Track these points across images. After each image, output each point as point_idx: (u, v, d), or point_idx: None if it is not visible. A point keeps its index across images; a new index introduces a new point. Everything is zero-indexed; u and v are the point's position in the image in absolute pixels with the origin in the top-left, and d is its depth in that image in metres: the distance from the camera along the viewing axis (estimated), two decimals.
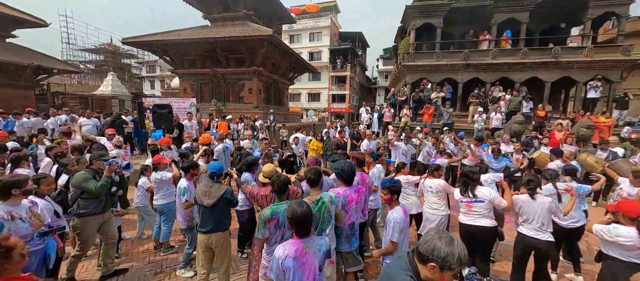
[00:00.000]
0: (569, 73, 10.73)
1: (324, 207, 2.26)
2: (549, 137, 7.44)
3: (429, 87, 11.57)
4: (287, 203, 2.30)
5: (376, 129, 11.32)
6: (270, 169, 3.01)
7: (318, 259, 1.77)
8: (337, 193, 2.66)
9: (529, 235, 2.77)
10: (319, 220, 2.23)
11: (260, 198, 2.69)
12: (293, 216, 1.73)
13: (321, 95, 33.41)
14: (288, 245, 1.75)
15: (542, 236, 2.73)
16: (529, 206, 2.79)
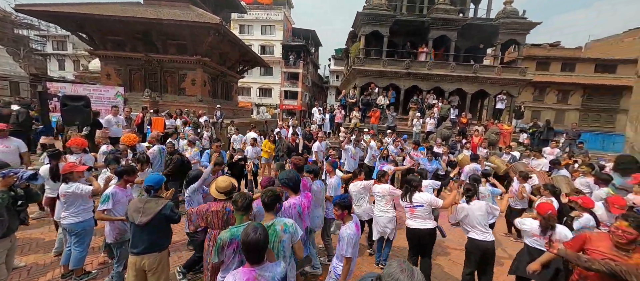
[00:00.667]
0: (484, 87, 12.89)
1: (274, 236, 2.04)
2: (470, 141, 8.82)
3: (376, 91, 12.40)
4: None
5: (328, 129, 11.60)
6: (226, 183, 2.64)
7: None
8: (293, 204, 2.64)
9: (478, 238, 3.07)
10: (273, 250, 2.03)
11: (209, 215, 2.43)
12: (244, 241, 1.59)
13: (273, 91, 32.56)
14: (238, 274, 1.61)
15: (488, 237, 3.06)
16: (470, 212, 3.11)
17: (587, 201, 3.33)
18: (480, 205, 3.16)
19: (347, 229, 2.38)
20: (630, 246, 2.06)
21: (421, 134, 10.81)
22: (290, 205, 2.64)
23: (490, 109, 13.21)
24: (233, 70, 19.25)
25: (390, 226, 3.68)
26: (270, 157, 7.97)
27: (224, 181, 2.64)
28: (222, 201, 2.51)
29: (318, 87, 41.64)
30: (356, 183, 4.02)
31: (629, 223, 2.03)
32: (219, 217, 2.41)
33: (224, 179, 2.70)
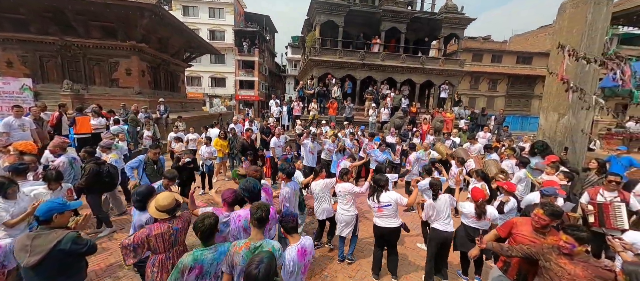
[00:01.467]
0: (430, 77, 13.94)
1: None
2: (420, 130, 9.50)
3: (333, 82, 12.43)
4: (216, 248, 1.93)
5: (286, 122, 11.31)
6: (169, 200, 2.26)
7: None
8: (237, 216, 2.45)
9: (441, 229, 3.35)
10: None
11: (152, 240, 2.08)
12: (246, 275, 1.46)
13: (227, 80, 30.42)
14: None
15: (449, 227, 3.35)
16: (437, 207, 3.37)
17: (511, 186, 3.85)
18: (444, 199, 3.42)
19: (288, 252, 2.08)
20: (545, 230, 2.40)
21: (377, 123, 11.27)
22: (236, 217, 2.42)
23: (436, 97, 14.39)
24: (178, 57, 17.29)
25: (352, 224, 3.73)
26: (225, 156, 7.43)
27: (165, 199, 2.26)
28: (166, 221, 2.22)
29: (276, 76, 40.34)
30: (318, 181, 3.95)
31: (544, 211, 2.36)
32: (165, 239, 2.11)
33: (165, 196, 2.31)
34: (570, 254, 2.02)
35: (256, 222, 1.97)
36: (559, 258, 2.08)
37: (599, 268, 1.91)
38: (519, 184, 4.89)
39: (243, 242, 1.93)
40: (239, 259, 1.83)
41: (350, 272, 3.79)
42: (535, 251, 2.24)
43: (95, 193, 4.28)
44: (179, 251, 2.26)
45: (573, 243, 1.98)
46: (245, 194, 2.55)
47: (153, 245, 2.09)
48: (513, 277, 2.50)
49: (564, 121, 4.73)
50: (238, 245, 1.90)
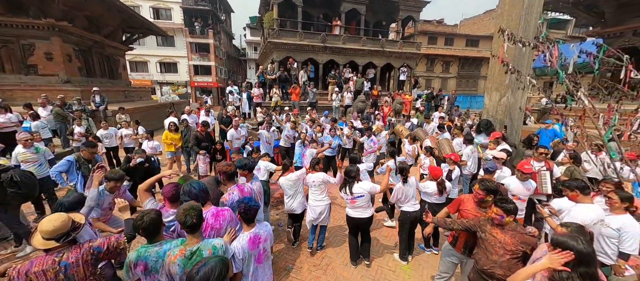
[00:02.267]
0: (390, 60, 14.28)
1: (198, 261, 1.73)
2: (381, 112, 9.75)
3: (295, 66, 12.00)
4: (162, 245, 1.79)
5: (247, 110, 10.69)
6: (58, 222, 1.71)
7: None
8: None
9: (410, 210, 3.51)
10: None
11: (33, 277, 1.58)
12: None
13: (179, 65, 27.59)
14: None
15: (417, 207, 3.54)
16: (406, 190, 3.48)
17: (456, 157, 4.35)
18: (412, 182, 3.54)
19: (237, 240, 2.02)
20: (484, 205, 2.59)
21: (341, 108, 11.29)
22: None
23: (395, 80, 14.87)
24: (114, 39, 14.99)
25: (325, 214, 3.69)
26: (177, 150, 6.75)
27: (51, 221, 1.71)
28: (53, 252, 1.69)
29: (235, 60, 37.85)
30: (289, 175, 3.77)
31: (480, 186, 2.59)
32: (49, 278, 1.60)
33: (54, 218, 1.75)
34: (501, 224, 2.21)
35: (188, 229, 1.78)
36: (492, 229, 2.27)
37: (524, 234, 2.15)
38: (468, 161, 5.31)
39: (177, 249, 1.73)
40: (175, 268, 1.67)
41: (315, 261, 3.78)
42: (473, 223, 2.41)
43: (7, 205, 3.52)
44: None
45: (502, 214, 2.17)
46: (186, 198, 2.22)
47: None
48: (460, 250, 2.71)
49: (504, 100, 5.17)
50: (172, 253, 1.71)
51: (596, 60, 3.86)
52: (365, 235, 3.67)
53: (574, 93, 3.47)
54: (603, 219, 2.47)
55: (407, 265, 3.76)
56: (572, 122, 3.60)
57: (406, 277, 3.53)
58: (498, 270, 2.18)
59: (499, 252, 2.19)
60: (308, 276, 3.48)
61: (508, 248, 2.14)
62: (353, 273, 3.55)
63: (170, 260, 1.71)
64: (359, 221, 3.42)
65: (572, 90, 3.49)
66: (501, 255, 2.17)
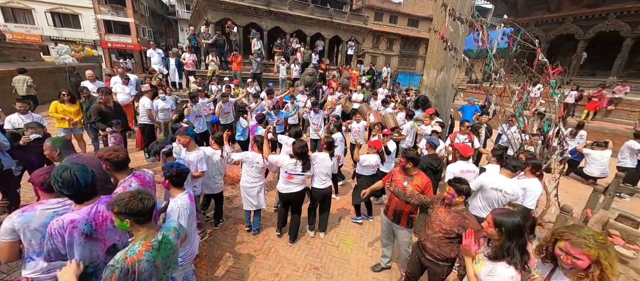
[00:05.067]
0: (338, 33, 13.96)
1: (168, 248, 1.55)
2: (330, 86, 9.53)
3: (235, 30, 10.59)
4: None
5: (177, 79, 9.11)
6: None
7: None
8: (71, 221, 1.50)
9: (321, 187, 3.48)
10: (162, 270, 1.52)
11: None
12: None
13: (82, 19, 21.76)
14: None
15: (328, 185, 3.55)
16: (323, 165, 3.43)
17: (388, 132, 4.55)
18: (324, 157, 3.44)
19: (176, 200, 2.05)
20: (409, 172, 2.78)
21: (287, 80, 10.64)
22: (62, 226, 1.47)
23: (343, 54, 14.75)
24: None
25: (261, 196, 3.55)
26: (74, 126, 5.28)
27: None
28: None
29: (164, 20, 32.00)
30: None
31: (403, 155, 2.76)
32: None
33: None
34: (449, 204, 2.25)
35: (143, 219, 1.46)
36: (439, 206, 2.33)
37: (461, 217, 2.18)
38: (407, 136, 5.59)
39: (138, 247, 1.41)
40: (143, 265, 1.39)
41: (257, 245, 3.49)
42: (430, 200, 2.46)
43: None
44: None
45: (454, 193, 2.18)
46: (64, 192, 1.55)
47: None
48: (390, 217, 2.89)
49: (440, 77, 5.48)
50: (132, 252, 1.38)
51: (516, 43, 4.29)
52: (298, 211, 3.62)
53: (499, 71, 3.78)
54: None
55: (349, 239, 3.80)
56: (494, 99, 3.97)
57: (348, 251, 3.57)
58: (429, 243, 2.30)
59: (435, 229, 2.25)
60: (249, 263, 3.17)
61: (444, 226, 2.20)
62: (297, 254, 3.40)
63: (132, 261, 1.36)
64: (289, 197, 3.40)
65: (498, 68, 3.80)
66: (436, 231, 2.24)
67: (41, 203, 1.64)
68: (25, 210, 1.56)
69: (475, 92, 10.76)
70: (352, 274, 3.16)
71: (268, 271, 3.10)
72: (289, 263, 3.24)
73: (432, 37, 5.57)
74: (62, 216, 1.52)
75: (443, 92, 5.65)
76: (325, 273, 3.14)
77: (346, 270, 3.21)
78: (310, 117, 5.88)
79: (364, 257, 3.47)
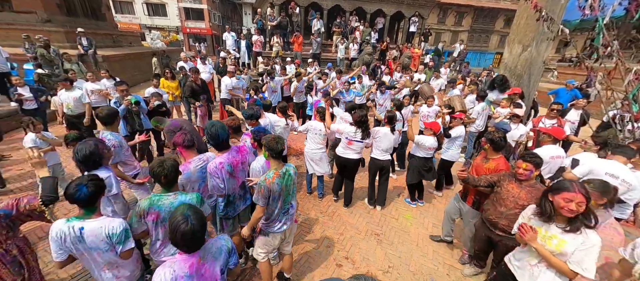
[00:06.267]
0: (401, 8, 13.05)
1: (290, 180, 2.11)
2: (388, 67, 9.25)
3: (297, 11, 10.95)
4: (176, 195, 1.77)
5: (246, 59, 10.08)
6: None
7: (220, 263, 1.46)
8: (219, 164, 2.18)
9: (380, 158, 3.64)
10: (286, 194, 2.10)
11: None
12: (175, 234, 1.26)
13: (168, 8, 25.24)
14: (176, 264, 1.32)
15: (387, 158, 3.68)
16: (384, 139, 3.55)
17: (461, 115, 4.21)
18: (394, 135, 3.60)
19: (257, 162, 2.37)
20: (487, 155, 2.71)
21: (345, 60, 10.68)
22: (216, 166, 2.16)
23: (405, 32, 13.84)
24: None
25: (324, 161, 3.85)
26: (175, 99, 6.49)
27: None
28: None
29: (230, 4, 34.61)
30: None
31: (486, 138, 2.68)
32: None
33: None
34: (524, 179, 2.19)
35: (276, 154, 2.04)
36: (509, 183, 2.28)
37: (536, 190, 2.12)
38: (477, 118, 5.19)
39: (272, 174, 2.01)
40: (275, 187, 1.99)
41: (322, 208, 3.91)
42: (496, 179, 2.41)
43: None
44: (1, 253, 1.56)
45: (531, 168, 2.14)
46: (211, 142, 2.22)
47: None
48: (470, 203, 2.81)
49: (526, 54, 4.82)
50: (268, 177, 2.00)
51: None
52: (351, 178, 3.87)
53: (611, 45, 3.17)
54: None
55: (409, 214, 3.92)
56: (601, 79, 3.38)
57: (408, 224, 3.70)
58: (503, 220, 2.27)
59: (509, 205, 2.22)
60: (316, 221, 3.62)
61: (520, 202, 2.16)
62: (358, 220, 3.70)
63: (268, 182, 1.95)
64: (346, 162, 3.65)
65: (610, 41, 3.18)
66: (511, 208, 2.21)
67: (190, 162, 2.24)
68: (184, 170, 2.15)
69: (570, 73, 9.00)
70: (412, 244, 3.32)
71: (333, 230, 3.49)
72: (351, 227, 3.57)
73: (521, 7, 4.87)
74: (214, 160, 2.18)
75: (527, 72, 4.99)
76: (385, 239, 3.38)
77: (406, 240, 3.38)
78: (376, 98, 5.87)
79: (424, 232, 3.56)
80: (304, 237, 3.33)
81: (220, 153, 2.24)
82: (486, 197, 2.61)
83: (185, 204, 1.38)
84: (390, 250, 3.20)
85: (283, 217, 2.17)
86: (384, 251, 3.18)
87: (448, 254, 3.20)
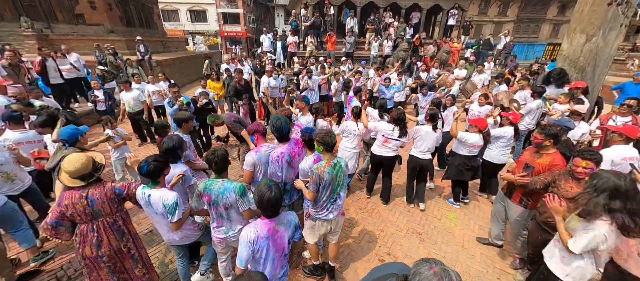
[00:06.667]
0: (439, 1, 12.43)
1: (340, 171, 2.22)
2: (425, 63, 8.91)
3: (331, 11, 11.04)
4: (224, 182, 1.99)
5: (282, 60, 10.44)
6: (80, 162, 1.76)
7: (288, 233, 1.75)
8: (280, 154, 2.42)
9: (419, 157, 3.57)
10: (335, 184, 2.21)
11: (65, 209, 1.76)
12: (261, 200, 1.61)
13: (208, 13, 27.06)
14: (258, 226, 1.66)
15: (428, 157, 3.59)
16: (427, 137, 3.45)
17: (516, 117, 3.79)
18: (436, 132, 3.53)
19: (305, 162, 2.41)
20: (540, 150, 2.55)
21: (379, 58, 10.51)
22: (278, 155, 2.42)
23: (441, 26, 13.16)
24: None
25: (354, 160, 3.86)
26: (219, 99, 7.00)
27: (74, 162, 1.75)
28: (80, 189, 1.79)
29: (263, 7, 35.94)
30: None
31: (540, 130, 2.53)
32: (79, 210, 1.77)
33: (75, 159, 1.77)
34: (582, 178, 2.07)
35: (328, 147, 2.18)
36: (566, 183, 2.15)
37: None
38: (527, 116, 4.79)
39: (323, 163, 2.16)
40: (325, 175, 2.13)
41: (361, 204, 3.96)
42: (551, 179, 2.29)
43: None
44: (108, 223, 1.88)
45: (593, 166, 2.03)
46: (275, 133, 2.48)
47: (70, 216, 1.78)
48: (504, 189, 2.81)
49: (590, 45, 4.32)
50: (320, 165, 2.15)
51: None
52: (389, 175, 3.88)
53: None
54: None
55: (452, 214, 3.79)
56: None
57: (452, 225, 3.59)
58: None
59: (570, 207, 2.07)
60: (356, 216, 3.69)
61: None
62: (398, 218, 3.68)
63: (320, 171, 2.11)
64: (381, 159, 3.66)
65: None
66: (569, 209, 2.06)
67: (262, 146, 2.51)
68: (257, 151, 2.45)
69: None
70: (457, 245, 3.22)
71: (374, 226, 3.52)
72: (392, 224, 3.57)
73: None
74: (276, 149, 2.44)
75: (591, 64, 4.49)
76: (428, 238, 3.32)
77: (450, 241, 3.29)
78: (418, 101, 5.58)
79: (470, 233, 3.43)
80: (345, 230, 3.42)
81: (282, 144, 2.47)
82: (536, 195, 2.47)
83: (266, 178, 1.72)
84: (433, 249, 3.15)
85: (330, 206, 2.29)
86: (427, 249, 3.14)
87: (498, 257, 3.05)
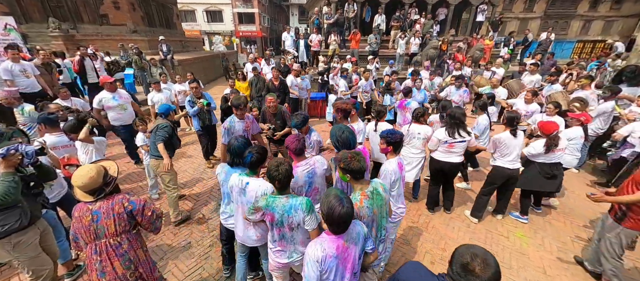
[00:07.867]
0: None
1: (381, 199, 1.75)
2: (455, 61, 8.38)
3: (354, 8, 10.63)
4: (288, 198, 1.71)
5: (304, 58, 10.14)
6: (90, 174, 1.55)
7: (359, 248, 1.51)
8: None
9: (508, 167, 3.11)
10: (379, 218, 1.77)
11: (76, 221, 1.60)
12: (331, 215, 1.36)
13: (224, 13, 27.18)
14: (325, 243, 1.42)
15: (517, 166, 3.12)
16: (510, 143, 3.04)
17: (587, 118, 3.46)
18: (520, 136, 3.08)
19: (388, 164, 2.16)
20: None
21: (405, 56, 10.04)
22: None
23: (469, 22, 12.51)
24: None
25: (420, 166, 3.52)
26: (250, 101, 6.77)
27: (81, 177, 1.54)
28: (88, 203, 1.60)
29: (276, 6, 35.90)
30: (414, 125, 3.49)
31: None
32: (85, 226, 1.56)
33: (84, 173, 1.55)
34: None
35: (358, 174, 1.70)
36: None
37: None
38: (598, 119, 4.27)
39: (358, 196, 1.70)
40: (364, 211, 1.68)
41: (413, 217, 3.57)
42: None
43: None
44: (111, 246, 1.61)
45: None
46: (341, 147, 2.14)
47: (75, 232, 1.60)
48: (613, 215, 2.33)
49: None
50: (356, 200, 1.68)
51: None
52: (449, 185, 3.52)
53: None
54: None
55: (519, 232, 3.34)
56: None
57: (523, 244, 3.15)
58: None
59: None
60: (410, 232, 3.30)
61: None
62: (459, 234, 3.28)
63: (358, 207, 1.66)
64: (444, 166, 3.25)
65: None
66: None
67: (298, 166, 2.16)
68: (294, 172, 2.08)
69: None
70: (536, 271, 2.78)
71: (432, 244, 3.13)
72: (453, 241, 3.16)
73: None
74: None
75: None
76: (500, 261, 2.88)
77: (527, 264, 2.85)
78: (450, 93, 5.32)
79: (548, 256, 2.98)
80: (400, 248, 3.04)
81: None
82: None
83: (335, 189, 1.48)
84: (510, 275, 2.73)
85: (379, 245, 1.83)
86: (504, 276, 2.71)
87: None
